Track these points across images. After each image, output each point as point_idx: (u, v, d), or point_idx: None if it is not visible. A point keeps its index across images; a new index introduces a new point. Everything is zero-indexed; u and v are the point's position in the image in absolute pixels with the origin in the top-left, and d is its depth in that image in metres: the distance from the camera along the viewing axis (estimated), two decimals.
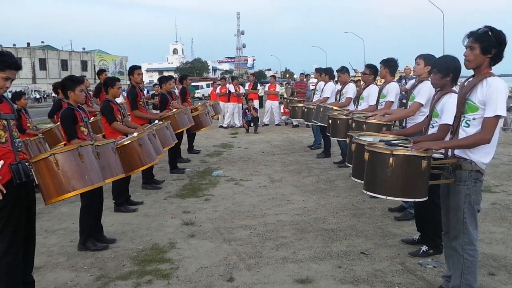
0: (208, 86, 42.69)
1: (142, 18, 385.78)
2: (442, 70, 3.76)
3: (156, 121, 6.83)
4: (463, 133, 3.22)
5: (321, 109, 8.23)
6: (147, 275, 4.15)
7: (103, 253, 4.74)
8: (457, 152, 3.27)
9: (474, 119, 3.16)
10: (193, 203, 6.52)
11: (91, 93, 10.34)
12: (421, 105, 4.90)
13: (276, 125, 16.54)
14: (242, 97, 16.34)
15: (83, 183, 3.78)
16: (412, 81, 6.11)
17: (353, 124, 5.95)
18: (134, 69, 7.56)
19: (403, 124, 5.37)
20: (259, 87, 17.05)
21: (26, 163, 3.50)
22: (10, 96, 8.42)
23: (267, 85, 16.84)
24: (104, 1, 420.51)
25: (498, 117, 3.05)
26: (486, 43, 3.06)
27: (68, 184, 3.70)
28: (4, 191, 3.23)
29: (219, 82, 17.52)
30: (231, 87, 16.18)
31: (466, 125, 3.20)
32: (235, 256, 4.54)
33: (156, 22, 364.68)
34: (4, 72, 3.37)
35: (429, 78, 5.05)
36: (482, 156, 3.19)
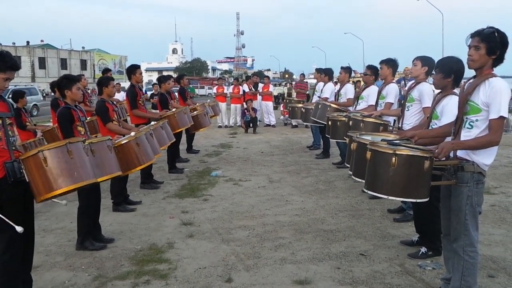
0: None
1: (142, 18, 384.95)
2: (444, 70, 3.73)
3: (153, 122, 6.79)
4: (466, 134, 3.19)
5: (320, 106, 8.21)
6: (145, 275, 4.14)
7: (101, 252, 4.72)
8: (459, 153, 3.25)
9: (477, 120, 3.14)
10: (191, 203, 6.50)
11: (89, 91, 10.30)
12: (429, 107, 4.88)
13: (271, 126, 16.36)
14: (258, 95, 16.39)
15: (72, 180, 3.71)
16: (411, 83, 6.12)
17: (350, 123, 5.96)
18: (136, 68, 7.55)
19: (399, 125, 5.37)
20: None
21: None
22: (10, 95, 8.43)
23: (261, 85, 16.75)
24: (103, 0, 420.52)
25: (502, 117, 3.04)
26: (492, 43, 3.04)
27: (56, 181, 3.63)
28: None
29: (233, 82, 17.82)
30: (245, 87, 16.23)
31: (470, 127, 3.18)
32: (234, 257, 4.53)
33: (156, 21, 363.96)
34: (5, 73, 3.41)
35: (427, 80, 5.07)
36: (484, 157, 3.17)
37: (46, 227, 5.57)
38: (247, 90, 16.20)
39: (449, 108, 3.69)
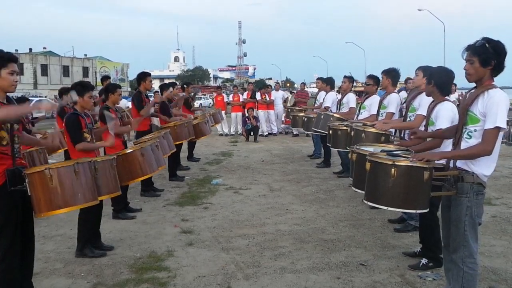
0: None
1: (144, 26, 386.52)
2: (437, 82, 3.94)
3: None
4: (465, 144, 3.21)
5: (322, 117, 8.22)
6: (144, 283, 4.12)
7: (101, 260, 4.71)
8: (459, 164, 3.26)
9: (475, 130, 3.15)
10: (191, 211, 6.49)
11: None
12: (424, 117, 4.91)
13: (272, 134, 16.37)
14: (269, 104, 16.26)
15: (75, 201, 3.70)
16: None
17: (352, 133, 5.96)
18: (147, 76, 7.57)
19: (401, 135, 5.37)
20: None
21: (22, 170, 3.47)
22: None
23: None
24: (106, 8, 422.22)
25: (498, 128, 3.04)
26: (485, 55, 3.05)
27: (59, 200, 3.61)
28: None
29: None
30: (258, 95, 16.20)
31: (468, 137, 3.20)
32: (233, 266, 4.51)
33: (158, 29, 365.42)
34: (7, 67, 3.33)
35: None
36: (484, 168, 3.17)
37: (46, 234, 5.56)
38: (258, 98, 16.11)
39: (442, 113, 3.88)
